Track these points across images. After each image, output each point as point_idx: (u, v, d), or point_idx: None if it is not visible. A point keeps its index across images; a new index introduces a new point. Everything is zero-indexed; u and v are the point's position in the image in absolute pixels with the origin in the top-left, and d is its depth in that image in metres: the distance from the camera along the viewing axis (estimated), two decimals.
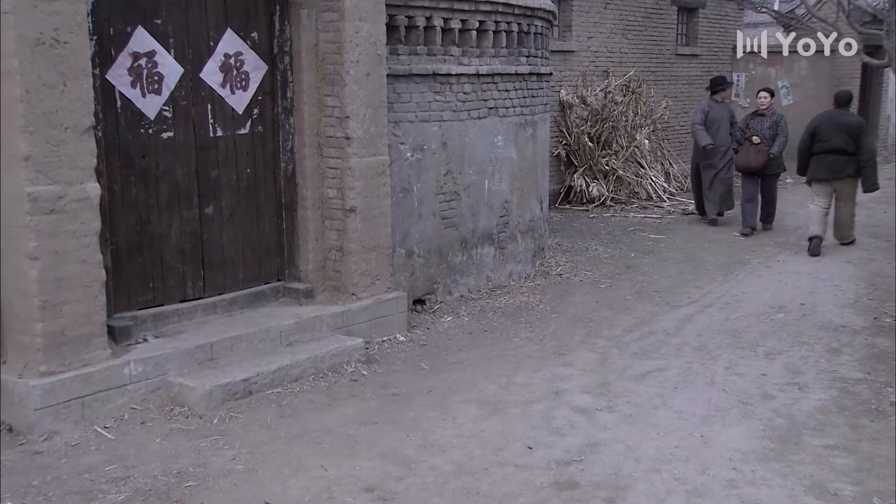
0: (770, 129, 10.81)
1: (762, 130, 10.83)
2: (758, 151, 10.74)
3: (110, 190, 5.34)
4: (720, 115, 11.41)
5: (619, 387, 5.65)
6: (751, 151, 10.81)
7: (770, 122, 10.85)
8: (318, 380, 5.63)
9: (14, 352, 4.87)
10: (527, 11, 8.04)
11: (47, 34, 4.59)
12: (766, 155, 10.68)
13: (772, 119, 10.87)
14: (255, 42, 6.11)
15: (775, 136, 10.78)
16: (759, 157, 10.73)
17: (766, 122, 10.88)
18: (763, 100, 11.00)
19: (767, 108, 10.95)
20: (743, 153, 10.92)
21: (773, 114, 10.94)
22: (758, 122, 10.97)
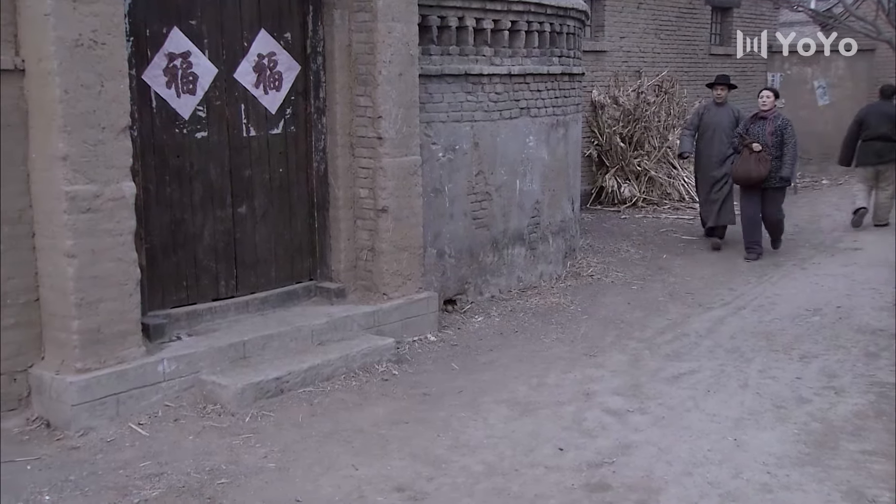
0: (773, 134, 9.20)
1: (763, 136, 9.23)
2: (758, 160, 9.15)
3: (145, 189, 5.41)
4: (717, 120, 9.98)
5: (651, 389, 5.61)
6: (750, 161, 9.20)
7: (773, 126, 9.23)
8: (349, 379, 5.65)
9: (52, 349, 4.94)
10: (559, 11, 8.00)
11: (86, 36, 4.65)
12: (767, 164, 9.12)
13: (775, 123, 9.25)
14: (288, 42, 6.14)
15: (779, 144, 9.20)
16: (760, 168, 9.14)
17: (768, 126, 9.26)
18: (765, 101, 9.43)
19: (770, 111, 9.37)
20: (741, 163, 9.32)
21: (776, 117, 9.33)
22: (759, 126, 9.36)
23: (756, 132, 9.31)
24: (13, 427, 4.85)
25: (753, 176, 9.22)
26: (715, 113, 10.09)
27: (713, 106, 10.19)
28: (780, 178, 9.25)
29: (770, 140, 9.20)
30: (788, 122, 9.36)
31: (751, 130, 9.38)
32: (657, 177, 13.34)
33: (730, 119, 9.88)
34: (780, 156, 9.21)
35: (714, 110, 10.14)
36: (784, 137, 9.20)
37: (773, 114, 9.36)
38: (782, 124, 9.27)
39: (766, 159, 9.15)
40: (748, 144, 9.26)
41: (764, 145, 9.17)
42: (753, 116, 9.53)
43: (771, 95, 9.46)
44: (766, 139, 9.21)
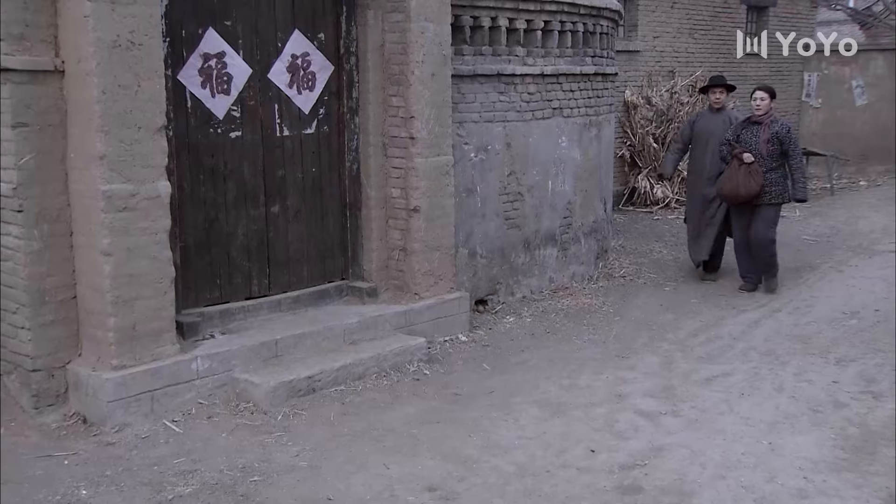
0: (768, 142, 7.69)
1: (756, 145, 7.72)
2: (748, 174, 7.66)
3: (180, 188, 5.45)
4: (711, 128, 8.33)
5: (684, 391, 5.56)
6: (739, 174, 7.70)
7: (768, 133, 7.71)
8: (380, 378, 5.66)
9: (89, 346, 5.01)
10: (593, 11, 7.96)
11: (123, 37, 4.71)
12: (759, 178, 7.64)
13: (771, 130, 7.73)
14: (321, 43, 6.17)
15: (776, 154, 7.73)
16: (750, 182, 7.66)
17: (762, 133, 7.74)
18: (758, 102, 7.84)
19: (765, 115, 7.81)
20: (728, 176, 7.79)
21: (773, 122, 7.80)
22: (751, 132, 7.79)
23: (748, 139, 7.79)
24: (51, 422, 4.92)
25: (742, 193, 7.71)
26: (708, 120, 8.48)
27: (707, 112, 8.66)
28: (790, 198, 7.92)
29: (765, 149, 7.70)
30: (788, 127, 7.88)
31: (742, 137, 7.83)
32: None
33: (726, 127, 8.24)
34: (775, 167, 7.75)
35: (707, 117, 8.54)
36: (785, 148, 7.75)
37: (769, 118, 7.82)
38: (780, 131, 7.74)
39: (759, 172, 7.65)
40: (737, 154, 7.76)
41: (757, 155, 7.69)
42: (745, 121, 7.97)
43: (766, 96, 7.87)
44: (760, 148, 7.71)
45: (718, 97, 8.50)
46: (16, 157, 4.75)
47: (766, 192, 7.74)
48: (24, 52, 4.71)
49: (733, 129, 7.98)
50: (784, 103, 17.18)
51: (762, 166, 7.68)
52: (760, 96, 7.87)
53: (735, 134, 7.91)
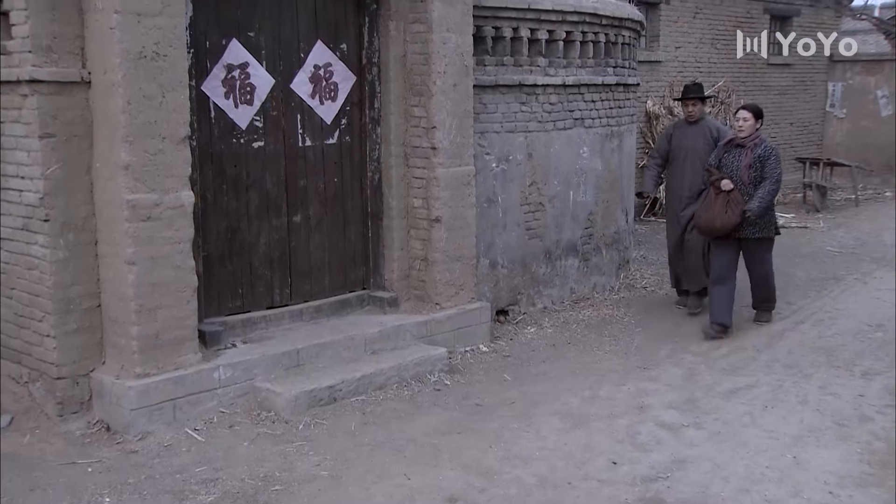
0: (751, 168, 6.79)
1: (738, 170, 6.80)
2: (727, 203, 6.77)
3: (203, 198, 5.49)
4: (689, 142, 7.55)
5: (707, 403, 5.52)
6: (716, 204, 6.82)
7: (751, 157, 6.81)
8: (401, 388, 5.66)
9: (112, 354, 5.05)
10: (614, 22, 7.96)
11: (149, 48, 4.76)
12: (739, 209, 6.73)
13: (754, 153, 6.83)
14: (344, 53, 6.20)
15: (760, 181, 6.79)
16: (728, 214, 6.76)
17: (744, 157, 6.84)
18: (741, 123, 6.94)
19: (749, 137, 6.90)
20: (705, 206, 6.98)
21: (757, 145, 6.88)
22: (733, 156, 6.91)
23: (730, 164, 6.90)
24: (75, 430, 4.96)
25: (717, 225, 6.83)
26: (685, 133, 7.67)
27: (684, 124, 7.80)
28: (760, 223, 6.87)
29: (746, 175, 6.79)
30: (773, 150, 6.94)
31: (724, 161, 6.96)
32: None
33: (705, 140, 7.53)
34: None
35: (684, 130, 7.71)
36: (763, 169, 6.81)
37: (753, 140, 6.90)
38: (764, 154, 6.83)
39: (739, 202, 6.75)
40: (715, 181, 6.87)
41: (738, 182, 6.80)
42: (728, 143, 7.05)
43: (749, 116, 6.96)
44: (741, 174, 6.80)
45: (691, 110, 7.69)
46: (42, 167, 4.81)
47: (752, 223, 6.81)
48: (51, 63, 4.77)
49: (716, 152, 7.10)
50: (808, 114, 17.10)
51: (744, 194, 6.77)
52: (743, 116, 6.99)
53: (717, 158, 7.03)
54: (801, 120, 16.94)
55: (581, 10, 7.44)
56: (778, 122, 16.21)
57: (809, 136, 17.21)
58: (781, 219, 12.48)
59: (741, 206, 6.73)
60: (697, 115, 7.67)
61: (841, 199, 14.61)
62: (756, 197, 6.75)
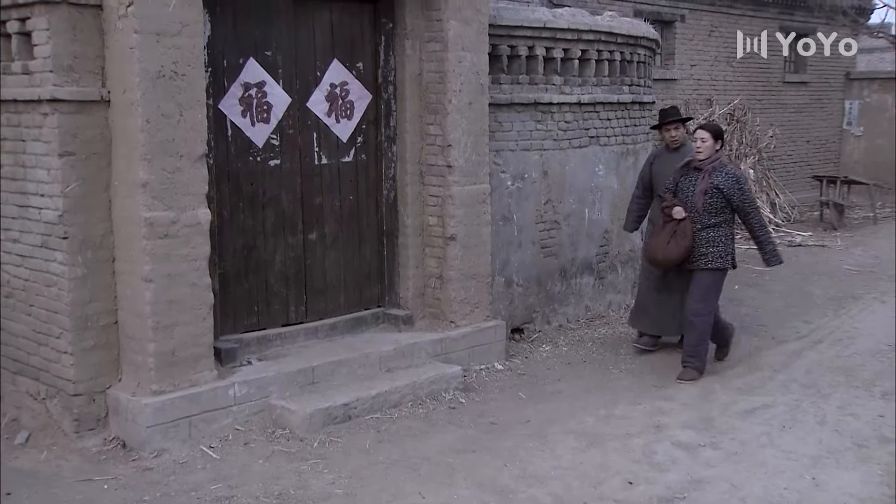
0: (706, 194, 6.16)
1: (692, 196, 6.21)
2: (673, 234, 6.20)
3: (219, 215, 5.52)
4: (668, 171, 6.67)
5: (723, 423, 5.47)
6: (662, 233, 6.30)
7: (707, 183, 6.16)
8: (416, 406, 5.65)
9: (128, 371, 5.07)
10: (630, 40, 7.97)
11: (167, 67, 4.80)
12: (687, 240, 6.14)
13: (711, 179, 6.17)
14: (360, 72, 6.24)
15: (715, 209, 6.17)
16: (672, 246, 6.19)
17: (700, 181, 6.20)
18: (699, 144, 6.32)
19: (707, 159, 6.24)
20: (653, 234, 6.54)
21: (716, 169, 6.21)
22: (690, 180, 6.28)
23: (686, 188, 6.28)
24: (92, 446, 4.97)
25: (659, 257, 6.31)
26: (665, 161, 6.87)
27: (664, 152, 7.01)
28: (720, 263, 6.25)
29: (700, 202, 6.16)
30: (735, 176, 6.27)
31: (681, 186, 6.34)
32: None
33: None
34: (715, 224, 6.20)
35: (666, 158, 6.91)
36: (735, 203, 6.18)
37: (711, 163, 6.24)
38: (723, 182, 6.16)
39: (687, 233, 6.15)
40: (666, 208, 6.33)
41: (691, 209, 6.21)
42: (686, 165, 6.38)
43: (708, 137, 6.28)
44: (696, 200, 6.19)
45: (674, 135, 6.88)
46: (62, 184, 4.86)
47: (702, 254, 6.20)
48: (72, 83, 4.82)
49: (673, 176, 6.46)
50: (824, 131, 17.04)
51: (697, 223, 6.18)
52: (701, 137, 6.33)
53: (674, 182, 6.41)
54: (818, 138, 16.88)
55: (596, 28, 7.46)
56: (794, 140, 16.16)
57: (826, 153, 17.15)
58: (798, 237, 12.52)
59: (689, 239, 6.14)
60: (681, 140, 6.92)
61: (858, 218, 14.53)
62: (765, 248, 6.34)
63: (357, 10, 6.18)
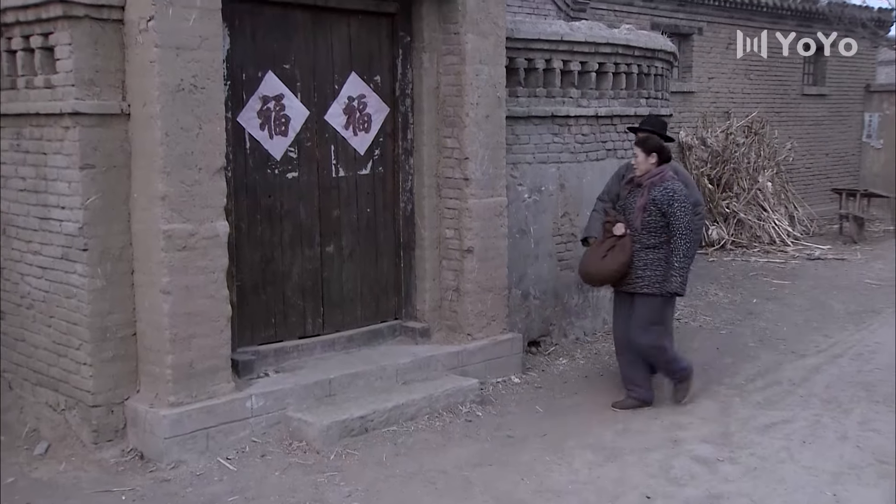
0: (645, 210, 5.76)
1: (632, 212, 5.85)
2: (610, 249, 5.82)
3: (237, 228, 5.55)
4: None
5: (742, 438, 5.43)
6: (599, 248, 5.90)
7: (646, 199, 5.77)
8: (432, 419, 5.64)
9: (147, 382, 5.09)
10: (647, 53, 7.97)
11: (187, 81, 4.84)
12: (624, 257, 5.76)
13: (650, 194, 5.76)
14: (377, 85, 6.27)
15: (656, 227, 5.76)
16: (607, 260, 5.81)
17: (639, 197, 5.83)
18: (633, 161, 5.99)
19: (646, 175, 5.84)
20: (589, 251, 6.05)
21: (654, 184, 5.78)
22: (632, 196, 5.93)
23: (628, 204, 5.94)
24: (110, 458, 4.99)
25: (592, 271, 5.92)
26: None
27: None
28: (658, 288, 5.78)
29: (639, 219, 5.78)
30: (675, 192, 5.75)
31: (622, 201, 6.05)
32: (746, 219, 13.06)
33: None
34: (655, 245, 5.78)
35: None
36: (669, 218, 5.72)
37: (650, 178, 5.82)
38: (660, 197, 5.74)
39: (626, 250, 5.78)
40: (608, 224, 5.97)
41: (630, 227, 5.84)
42: (630, 180, 6.02)
43: (639, 152, 5.91)
44: (634, 218, 5.82)
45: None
46: (83, 197, 4.90)
47: (638, 276, 5.78)
48: (93, 96, 4.87)
49: (619, 191, 6.16)
50: (844, 144, 16.95)
51: (636, 242, 5.80)
52: (634, 152, 6.00)
53: (619, 196, 6.11)
54: (837, 150, 16.79)
55: (614, 41, 7.46)
56: (813, 153, 16.08)
57: (846, 166, 17.05)
58: (817, 250, 12.44)
59: (627, 255, 5.76)
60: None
61: (878, 231, 14.42)
62: (673, 269, 5.71)
63: (375, 24, 6.21)
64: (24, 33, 5.08)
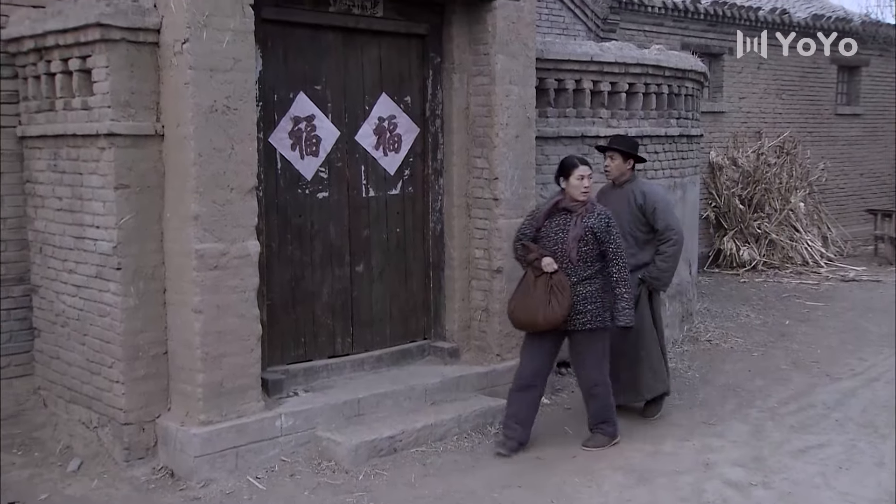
0: (580, 241, 5.31)
1: (563, 244, 5.35)
2: (551, 290, 5.29)
3: (268, 247, 5.58)
4: (620, 207, 5.93)
5: (776, 462, 5.35)
6: (536, 290, 5.34)
7: (581, 228, 5.32)
8: (461, 440, 5.62)
9: (177, 400, 5.13)
10: (677, 73, 7.95)
11: (220, 102, 4.90)
12: (566, 298, 5.26)
13: (585, 223, 5.34)
14: (408, 105, 6.31)
15: (592, 257, 5.35)
16: (555, 304, 5.28)
17: (572, 226, 5.35)
18: (587, 183, 5.46)
19: (578, 202, 5.41)
20: (522, 291, 5.45)
21: (589, 211, 5.38)
22: (557, 225, 5.42)
23: (552, 235, 5.41)
24: (141, 475, 5.02)
25: (540, 321, 5.31)
26: (606, 200, 6.03)
27: (609, 189, 6.24)
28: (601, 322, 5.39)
29: (575, 251, 5.31)
30: (609, 217, 5.40)
31: (545, 232, 5.46)
32: (778, 240, 12.92)
33: (630, 208, 6.02)
34: (592, 276, 5.36)
35: (609, 194, 6.16)
36: (604, 248, 5.35)
37: (583, 204, 5.40)
38: (597, 223, 5.34)
39: (565, 287, 5.28)
40: (534, 260, 5.39)
41: (563, 259, 5.34)
42: (553, 207, 5.48)
43: (590, 173, 5.47)
44: (568, 249, 5.33)
45: (608, 164, 6.16)
46: (117, 216, 4.97)
47: (579, 311, 5.33)
48: (128, 117, 4.95)
49: (534, 220, 5.57)
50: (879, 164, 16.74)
51: (571, 276, 5.33)
52: (585, 172, 5.44)
53: (536, 225, 5.52)
54: (872, 171, 16.58)
55: (644, 62, 7.45)
56: (847, 173, 15.90)
57: (881, 187, 16.82)
58: (852, 271, 12.27)
59: (569, 294, 5.27)
60: (619, 173, 6.12)
61: None
62: (620, 302, 5.36)
63: (405, 45, 6.26)
64: (63, 56, 5.19)
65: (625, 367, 5.99)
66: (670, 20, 12.75)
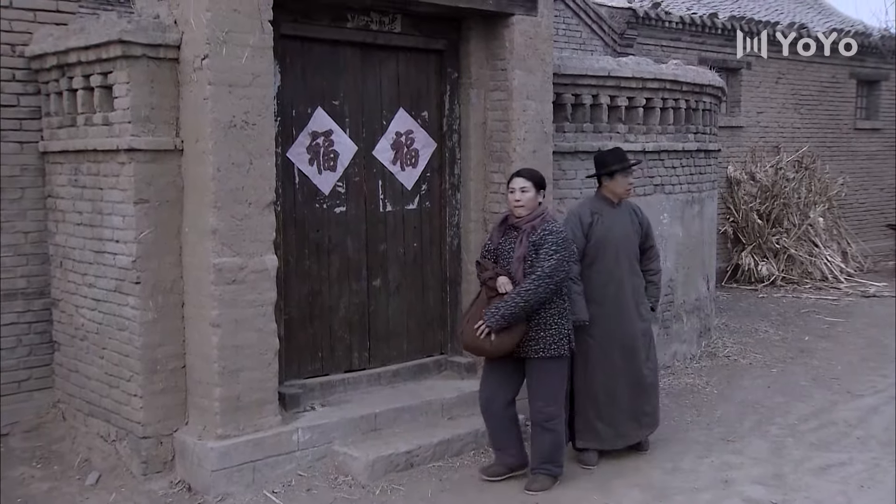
0: (525, 260, 4.92)
1: (511, 263, 4.97)
2: None
3: (285, 261, 5.60)
4: (615, 233, 5.58)
5: (796, 480, 5.29)
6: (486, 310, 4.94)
7: (526, 246, 4.93)
8: (478, 455, 5.59)
9: (195, 414, 5.14)
10: (695, 88, 7.93)
11: (238, 117, 4.94)
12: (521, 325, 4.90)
13: (530, 239, 4.94)
14: (425, 120, 6.32)
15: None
16: (515, 330, 4.89)
17: (518, 245, 4.97)
18: (519, 196, 5.03)
19: (528, 217, 5.01)
20: (472, 314, 5.06)
21: (535, 227, 4.97)
22: (507, 242, 5.06)
23: (504, 252, 5.04)
24: (158, 489, 5.03)
25: (487, 347, 4.92)
26: (610, 220, 5.60)
27: (606, 208, 5.66)
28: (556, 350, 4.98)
29: (519, 270, 4.92)
30: (551, 233, 4.94)
31: (501, 249, 5.08)
32: (797, 255, 12.83)
33: (634, 227, 5.70)
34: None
35: (609, 215, 5.62)
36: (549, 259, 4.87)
37: (530, 222, 4.99)
38: (539, 240, 4.93)
39: None
40: (487, 280, 5.01)
41: (513, 279, 4.95)
42: (502, 223, 5.16)
43: (529, 187, 5.03)
44: (515, 269, 4.94)
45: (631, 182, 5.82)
46: (136, 231, 5.00)
47: (531, 338, 4.93)
48: (148, 133, 4.99)
49: (493, 237, 5.19)
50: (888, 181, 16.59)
51: None
52: (521, 186, 5.02)
53: (493, 245, 5.14)
54: (892, 185, 16.45)
55: (661, 76, 7.45)
56: (867, 188, 15.78)
57: None
58: (872, 287, 12.16)
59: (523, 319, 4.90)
60: (622, 193, 5.75)
61: None
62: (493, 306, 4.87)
63: (423, 60, 6.28)
64: (85, 72, 5.25)
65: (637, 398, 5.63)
66: (688, 35, 12.74)
